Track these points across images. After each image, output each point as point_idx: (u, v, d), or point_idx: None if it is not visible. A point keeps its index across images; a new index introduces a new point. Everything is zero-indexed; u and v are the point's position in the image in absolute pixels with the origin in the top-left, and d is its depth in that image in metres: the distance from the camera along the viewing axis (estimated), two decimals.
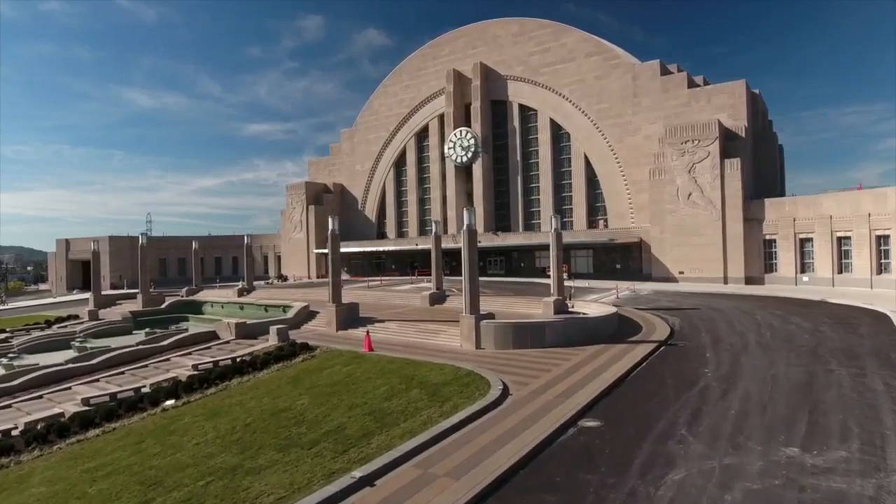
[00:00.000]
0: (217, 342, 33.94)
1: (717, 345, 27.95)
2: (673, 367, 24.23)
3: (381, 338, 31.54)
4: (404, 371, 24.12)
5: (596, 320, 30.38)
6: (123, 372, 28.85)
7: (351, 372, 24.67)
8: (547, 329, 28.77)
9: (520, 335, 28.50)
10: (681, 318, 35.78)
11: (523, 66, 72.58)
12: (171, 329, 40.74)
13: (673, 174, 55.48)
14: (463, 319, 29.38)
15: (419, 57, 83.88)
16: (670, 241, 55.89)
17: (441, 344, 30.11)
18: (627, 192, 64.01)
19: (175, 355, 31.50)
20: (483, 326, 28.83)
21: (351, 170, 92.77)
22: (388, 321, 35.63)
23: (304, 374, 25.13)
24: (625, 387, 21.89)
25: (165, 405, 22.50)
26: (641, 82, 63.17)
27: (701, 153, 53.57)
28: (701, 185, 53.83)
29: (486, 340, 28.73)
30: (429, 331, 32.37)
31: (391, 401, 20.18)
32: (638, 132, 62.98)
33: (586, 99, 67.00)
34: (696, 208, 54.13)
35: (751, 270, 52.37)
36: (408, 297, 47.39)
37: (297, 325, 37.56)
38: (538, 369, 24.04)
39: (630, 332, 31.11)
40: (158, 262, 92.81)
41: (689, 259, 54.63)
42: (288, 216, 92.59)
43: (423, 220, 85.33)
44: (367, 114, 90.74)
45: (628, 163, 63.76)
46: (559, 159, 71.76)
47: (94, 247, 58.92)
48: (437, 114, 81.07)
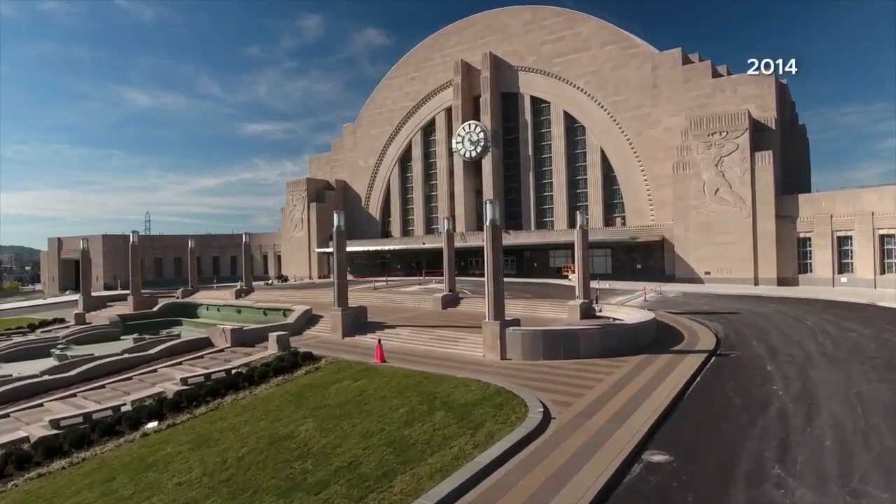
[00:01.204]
0: (211, 350, 30.70)
1: (776, 356, 24.74)
2: (734, 384, 21.01)
3: (393, 346, 28.30)
4: (424, 387, 20.87)
5: (634, 327, 27.14)
6: (104, 385, 25.63)
7: (362, 388, 21.41)
8: (582, 337, 25.51)
9: (551, 345, 25.25)
10: (722, 323, 32.57)
11: (535, 56, 69.30)
12: (162, 334, 37.57)
13: (698, 168, 52.18)
14: (486, 326, 26.13)
15: (425, 48, 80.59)
16: (695, 239, 52.58)
17: (461, 353, 26.86)
18: (647, 187, 60.74)
19: (164, 365, 28.26)
20: (509, 334, 25.58)
21: (354, 166, 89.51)
22: (399, 327, 32.36)
23: (309, 390, 21.87)
24: (685, 407, 18.68)
25: (147, 428, 19.26)
26: (662, 72, 59.90)
27: (729, 146, 50.27)
28: (729, 180, 50.54)
29: (513, 350, 25.49)
30: (446, 338, 29.12)
31: (413, 427, 16.93)
32: (658, 125, 59.71)
33: (602, 90, 63.72)
34: (724, 204, 50.83)
35: (784, 271, 49.07)
36: (418, 299, 44.15)
37: (299, 330, 34.32)
38: (578, 385, 20.80)
39: (671, 340, 27.91)
40: (154, 262, 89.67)
41: (717, 259, 51.34)
42: (288, 214, 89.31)
43: (430, 217, 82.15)
44: (370, 108, 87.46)
45: (648, 157, 60.49)
46: (573, 154, 68.53)
47: (84, 245, 55.73)
48: (445, 107, 77.82)
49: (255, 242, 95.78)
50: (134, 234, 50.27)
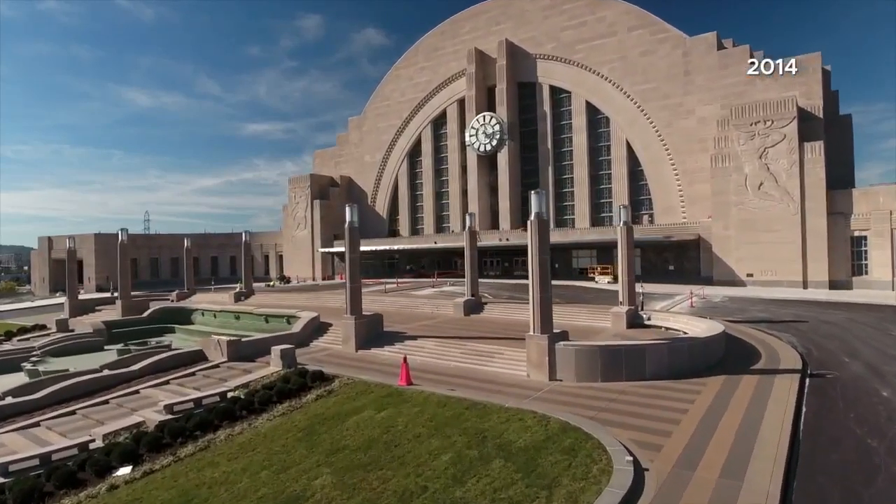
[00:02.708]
0: (204, 365, 26.47)
1: (883, 377, 20.58)
2: (853, 416, 16.85)
3: (418, 362, 24.09)
4: (467, 421, 16.64)
5: (705, 342, 22.85)
6: (75, 412, 21.41)
7: (389, 421, 17.16)
8: (648, 355, 21.26)
9: (612, 363, 21.02)
10: (793, 334, 28.33)
11: (555, 43, 64.97)
12: (151, 344, 33.35)
13: (740, 161, 47.84)
14: (531, 340, 21.90)
15: (436, 35, 76.20)
16: (736, 238, 48.24)
17: (499, 372, 22.63)
18: (678, 182, 56.42)
19: (147, 385, 24.03)
20: (560, 351, 21.36)
21: (359, 161, 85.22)
22: (421, 338, 28.10)
23: (322, 424, 17.62)
24: (809, 453, 14.56)
25: (116, 477, 15.05)
26: (694, 58, 55.57)
27: (775, 136, 45.94)
28: (774, 173, 46.20)
29: (565, 369, 21.28)
30: (479, 352, 24.86)
31: (465, 483, 12.72)
32: (690, 115, 55.38)
33: (629, 78, 59.40)
34: (769, 200, 46.49)
35: (836, 273, 44.71)
36: (436, 304, 39.90)
37: (305, 341, 30.09)
38: (659, 419, 16.57)
39: (745, 357, 23.74)
40: (150, 263, 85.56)
41: (760, 259, 46.99)
42: (291, 212, 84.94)
43: (440, 216, 77.91)
44: (377, 100, 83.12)
45: (679, 150, 56.17)
46: (596, 147, 64.20)
47: (70, 244, 51.80)
48: (457, 98, 73.49)
49: (256, 242, 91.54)
50: (123, 232, 46.07)
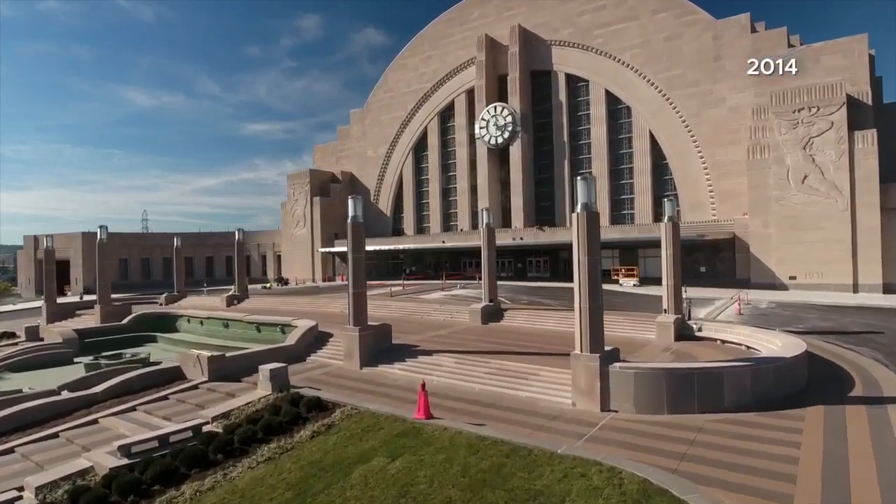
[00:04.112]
0: (180, 386, 22.30)
1: None
2: None
3: (436, 385, 19.94)
4: (512, 477, 12.44)
5: (791, 364, 18.61)
6: (13, 450, 17.22)
7: (407, 476, 12.95)
8: (727, 380, 17.06)
9: (681, 391, 16.84)
10: (874, 348, 24.12)
11: (571, 29, 60.74)
12: (125, 357, 29.21)
13: (781, 151, 43.58)
14: (578, 361, 17.72)
15: (443, 23, 71.94)
16: (777, 236, 43.97)
17: (536, 398, 18.44)
18: (706, 177, 52.17)
19: (108, 413, 19.84)
20: (615, 374, 17.19)
21: (362, 156, 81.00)
22: (437, 352, 23.88)
23: (318, 478, 13.41)
24: None
25: None
26: (725, 42, 51.31)
27: (821, 124, 41.69)
28: (820, 165, 41.95)
29: (620, 396, 17.13)
30: (508, 372, 20.64)
31: None
32: (721, 103, 51.14)
33: (653, 65, 55.16)
34: (814, 195, 42.23)
35: (890, 275, 40.43)
36: (448, 309, 35.71)
37: (301, 356, 25.91)
38: (765, 473, 12.37)
39: (832, 379, 19.64)
40: (142, 263, 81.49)
41: (804, 260, 42.72)
42: (289, 210, 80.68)
43: (447, 213, 73.73)
44: (380, 91, 78.86)
45: (709, 141, 51.92)
46: (616, 139, 59.97)
47: (48, 244, 47.68)
48: (466, 88, 69.29)
49: (253, 241, 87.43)
50: (102, 230, 41.97)
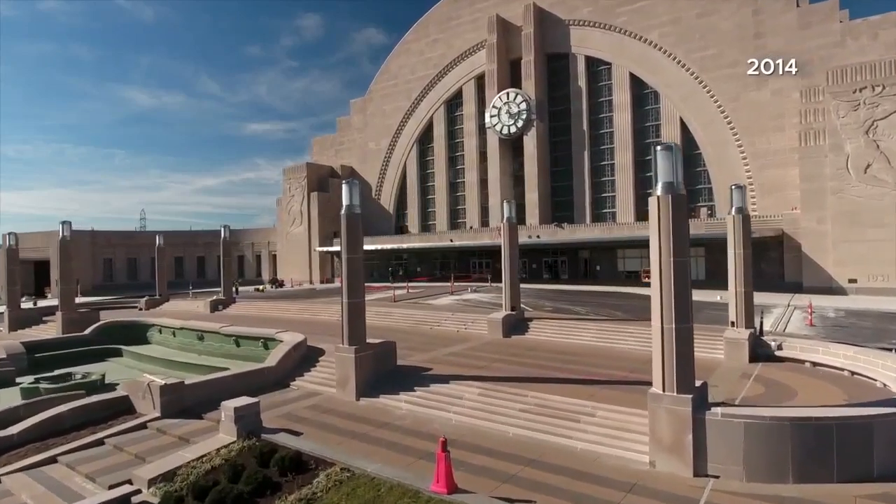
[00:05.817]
0: (123, 425, 17.19)
1: None
2: None
3: (454, 426, 14.90)
4: None
5: None
6: None
7: None
8: (877, 435, 11.89)
9: (813, 451, 11.72)
10: None
11: (591, 7, 55.51)
12: (76, 378, 24.03)
13: (838, 137, 38.31)
14: (658, 406, 12.61)
15: (450, 3, 66.69)
16: (834, 234, 38.73)
17: (596, 452, 13.30)
18: (746, 168, 46.93)
19: (18, 468, 14.78)
20: (713, 424, 12.10)
21: (363, 149, 75.84)
22: (454, 379, 18.66)
23: None
24: None
25: None
26: (767, 17, 46.04)
27: (887, 105, 36.47)
28: (886, 152, 36.71)
29: (722, 455, 12.06)
30: (552, 409, 15.46)
31: None
32: (763, 85, 45.89)
33: (685, 44, 49.91)
34: (879, 186, 36.98)
35: None
36: (463, 319, 30.53)
37: (283, 380, 20.79)
38: None
39: None
40: (128, 264, 76.46)
41: (865, 261, 37.49)
42: (285, 206, 75.48)
43: (455, 210, 68.59)
44: (382, 78, 73.66)
45: (748, 128, 46.69)
46: (642, 128, 54.76)
47: (10, 242, 43.06)
48: (475, 74, 64.08)
49: (247, 240, 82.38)
50: (65, 226, 36.99)
